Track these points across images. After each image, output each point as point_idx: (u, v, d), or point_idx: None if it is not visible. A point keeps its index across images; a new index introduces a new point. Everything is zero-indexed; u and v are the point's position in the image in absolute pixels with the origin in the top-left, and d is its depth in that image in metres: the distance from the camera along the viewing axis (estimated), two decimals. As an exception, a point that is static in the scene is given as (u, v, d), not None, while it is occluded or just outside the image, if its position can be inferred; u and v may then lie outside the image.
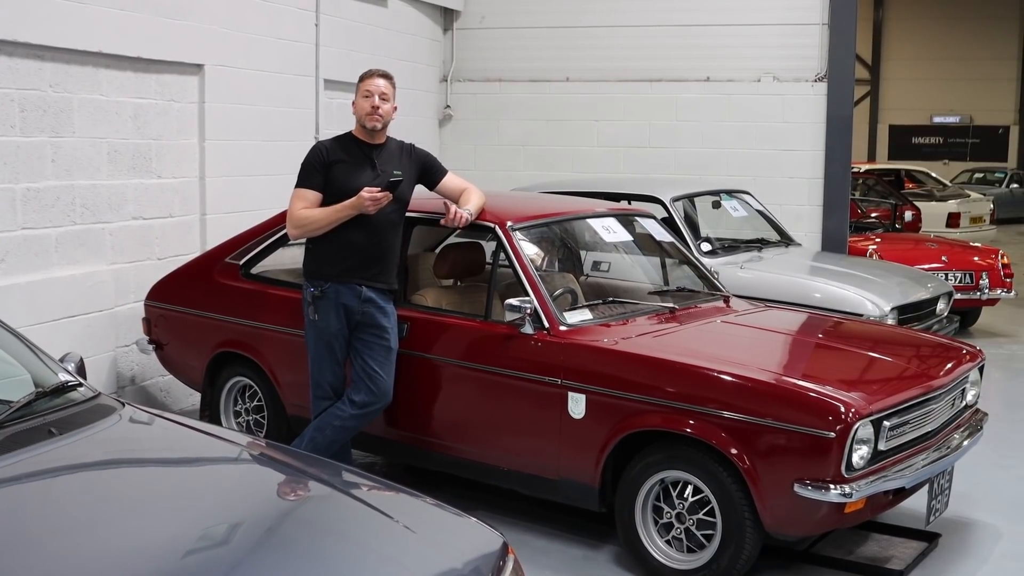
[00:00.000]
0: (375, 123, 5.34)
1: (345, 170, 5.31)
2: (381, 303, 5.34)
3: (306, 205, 5.32)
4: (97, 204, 6.74)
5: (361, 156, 5.37)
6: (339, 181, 5.29)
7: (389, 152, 5.46)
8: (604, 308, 5.38)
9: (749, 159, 10.47)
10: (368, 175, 5.32)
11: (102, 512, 2.70)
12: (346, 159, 5.34)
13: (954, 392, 5.12)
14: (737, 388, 4.59)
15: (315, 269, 5.38)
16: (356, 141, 5.42)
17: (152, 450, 3.19)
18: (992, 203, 19.89)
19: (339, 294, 5.29)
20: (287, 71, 8.46)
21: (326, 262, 5.33)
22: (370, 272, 5.32)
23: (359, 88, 5.41)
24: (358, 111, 5.38)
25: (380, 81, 5.41)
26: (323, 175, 5.31)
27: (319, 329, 5.36)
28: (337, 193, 5.27)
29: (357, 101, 5.38)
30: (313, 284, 5.35)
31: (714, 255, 8.01)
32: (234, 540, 2.71)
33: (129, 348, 7.00)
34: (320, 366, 5.41)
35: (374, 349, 5.33)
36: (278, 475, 3.11)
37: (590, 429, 4.87)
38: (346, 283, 5.29)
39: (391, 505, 3.09)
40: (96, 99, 6.67)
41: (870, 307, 7.43)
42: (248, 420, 6.28)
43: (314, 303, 5.33)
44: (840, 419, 4.33)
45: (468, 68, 11.10)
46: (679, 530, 4.75)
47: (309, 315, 5.37)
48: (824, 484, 4.35)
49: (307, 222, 5.31)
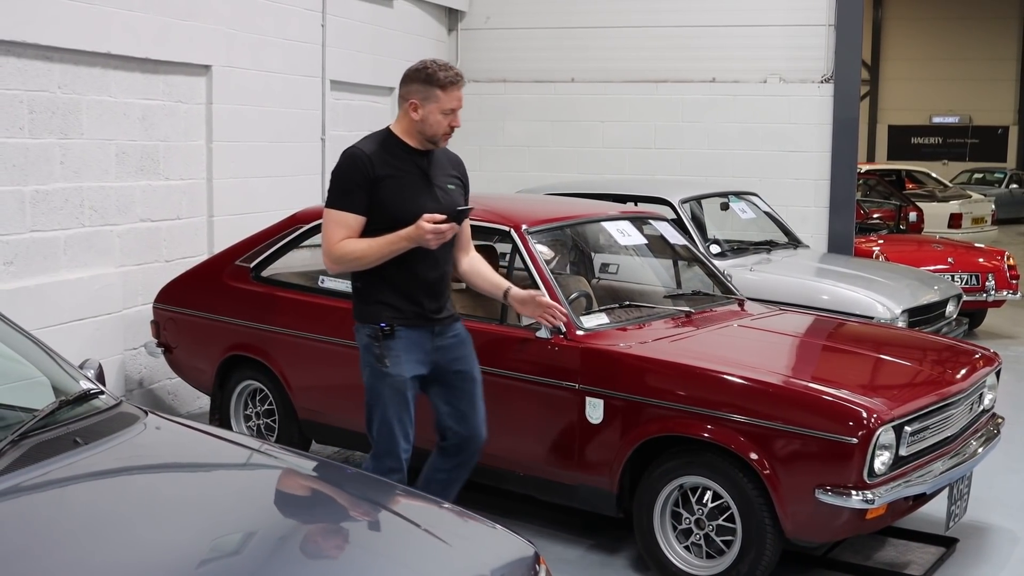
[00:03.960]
0: (446, 143, 4.51)
1: (396, 188, 4.33)
2: (454, 334, 4.59)
3: (348, 233, 4.30)
4: (105, 206, 6.70)
5: (412, 167, 4.39)
6: (390, 203, 4.31)
7: (438, 161, 4.52)
8: (620, 312, 5.34)
9: (755, 160, 10.44)
10: (424, 194, 4.39)
11: (132, 523, 2.66)
12: (395, 172, 4.34)
13: (972, 397, 5.09)
14: (757, 393, 4.56)
15: (372, 312, 4.42)
16: (403, 146, 4.41)
17: (180, 459, 3.15)
18: (994, 204, 19.88)
19: (409, 337, 4.42)
20: (294, 72, 8.43)
21: (382, 304, 4.40)
22: (437, 305, 4.50)
23: (434, 98, 4.32)
24: (431, 128, 4.35)
25: (462, 92, 4.44)
26: (367, 193, 4.30)
27: (391, 379, 4.38)
28: (387, 217, 4.30)
29: (431, 116, 4.32)
30: (373, 325, 4.41)
31: (723, 257, 7.97)
32: (265, 548, 2.68)
33: (137, 351, 6.97)
34: (391, 428, 4.41)
35: (457, 386, 4.57)
36: (307, 484, 3.08)
37: (608, 434, 4.83)
38: (412, 328, 4.42)
39: (418, 514, 3.06)
40: (104, 100, 6.63)
41: (880, 310, 7.40)
42: (259, 424, 6.24)
43: (382, 346, 4.37)
44: (862, 425, 4.30)
45: (473, 69, 11.05)
46: (698, 536, 4.71)
47: (373, 364, 4.40)
48: (846, 490, 4.32)
49: (351, 258, 4.32)
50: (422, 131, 4.38)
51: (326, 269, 4.51)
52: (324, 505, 3.01)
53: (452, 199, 4.48)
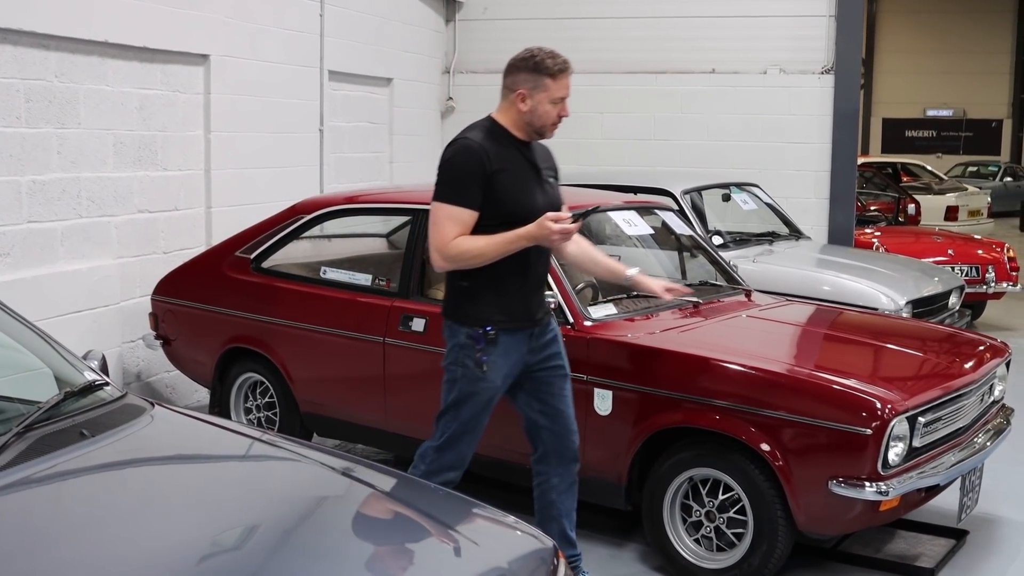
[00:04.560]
0: (552, 133, 4.32)
1: (511, 181, 4.16)
2: (550, 330, 4.44)
3: (462, 230, 4.11)
4: (103, 197, 6.62)
5: (521, 160, 4.25)
6: (506, 197, 4.14)
7: (540, 153, 4.39)
8: (628, 302, 5.27)
9: (755, 152, 10.38)
10: (535, 188, 4.25)
11: (140, 516, 2.59)
12: (508, 166, 4.17)
13: (983, 388, 5.04)
14: (769, 383, 4.50)
15: (479, 313, 4.22)
16: (511, 137, 4.24)
17: (188, 452, 3.08)
18: (989, 197, 19.84)
19: (509, 342, 4.27)
20: (292, 62, 8.35)
21: (491, 306, 4.21)
22: (539, 305, 4.36)
23: (544, 86, 4.17)
24: (540, 118, 4.20)
25: (570, 80, 4.26)
26: (482, 188, 4.12)
27: (484, 385, 4.24)
28: (502, 213, 4.13)
29: (540, 105, 4.17)
30: (475, 328, 4.22)
31: (725, 248, 7.89)
32: (273, 543, 2.60)
33: (135, 344, 6.88)
34: (468, 433, 4.31)
35: (550, 382, 4.41)
36: (320, 474, 2.99)
37: (617, 426, 4.77)
38: (514, 332, 4.27)
39: (432, 507, 2.98)
40: (102, 90, 6.55)
41: (885, 301, 7.35)
42: (259, 417, 6.16)
43: (483, 351, 4.19)
44: (876, 415, 4.24)
45: (471, 59, 10.99)
46: (708, 528, 4.65)
47: (470, 367, 4.22)
48: (860, 482, 4.26)
49: (468, 257, 4.11)
50: (531, 122, 4.22)
51: (434, 266, 4.26)
52: (335, 498, 2.93)
53: (555, 192, 4.37)
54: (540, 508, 4.54)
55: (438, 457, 4.35)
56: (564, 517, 4.52)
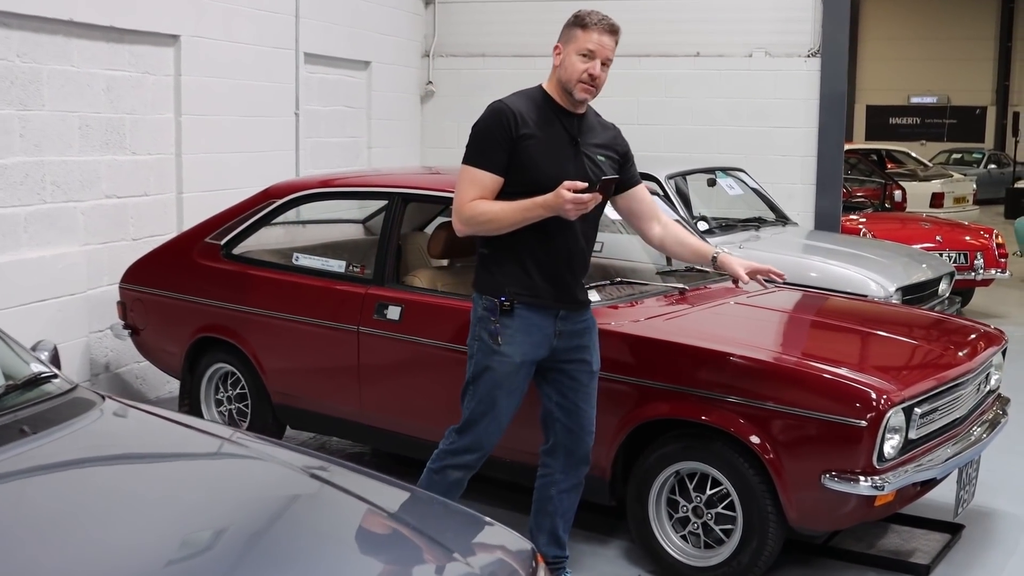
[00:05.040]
0: (586, 96, 4.02)
1: (539, 148, 3.96)
2: (583, 319, 4.23)
3: (481, 194, 3.95)
4: (68, 182, 6.39)
5: (559, 129, 4.03)
6: (531, 164, 3.95)
7: (590, 126, 4.14)
8: (611, 289, 5.07)
9: (740, 136, 10.18)
10: (569, 160, 4.01)
11: (87, 521, 2.38)
12: (539, 133, 3.97)
13: (980, 377, 4.86)
14: (758, 373, 4.30)
15: (494, 283, 4.07)
16: (553, 105, 4.05)
17: (137, 448, 2.86)
18: (975, 183, 19.72)
19: (530, 318, 4.07)
20: (266, 44, 8.11)
21: (508, 276, 4.04)
22: (570, 286, 4.13)
23: (574, 37, 3.98)
24: (567, 71, 3.98)
25: (607, 39, 4.00)
26: (508, 152, 3.93)
27: (501, 359, 4.04)
28: (526, 181, 3.94)
29: (568, 57, 3.98)
30: (492, 298, 4.06)
31: (711, 234, 7.71)
32: (236, 547, 2.41)
33: (103, 333, 6.66)
34: (488, 409, 4.08)
35: (575, 376, 4.20)
36: (279, 474, 2.79)
37: (600, 417, 4.53)
38: (536, 308, 4.07)
39: (405, 507, 2.79)
40: (67, 70, 6.32)
41: (874, 288, 7.18)
42: (231, 409, 5.95)
43: (498, 323, 4.02)
44: (871, 407, 4.05)
45: (451, 43, 10.75)
46: (696, 525, 4.46)
47: (485, 339, 4.05)
48: (854, 476, 4.07)
49: (484, 220, 3.94)
50: (561, 79, 4.01)
51: (456, 229, 4.07)
52: (298, 498, 2.73)
53: (600, 171, 4.08)
54: (537, 500, 4.35)
55: (458, 438, 4.16)
56: (559, 516, 4.32)
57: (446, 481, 4.18)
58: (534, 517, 4.33)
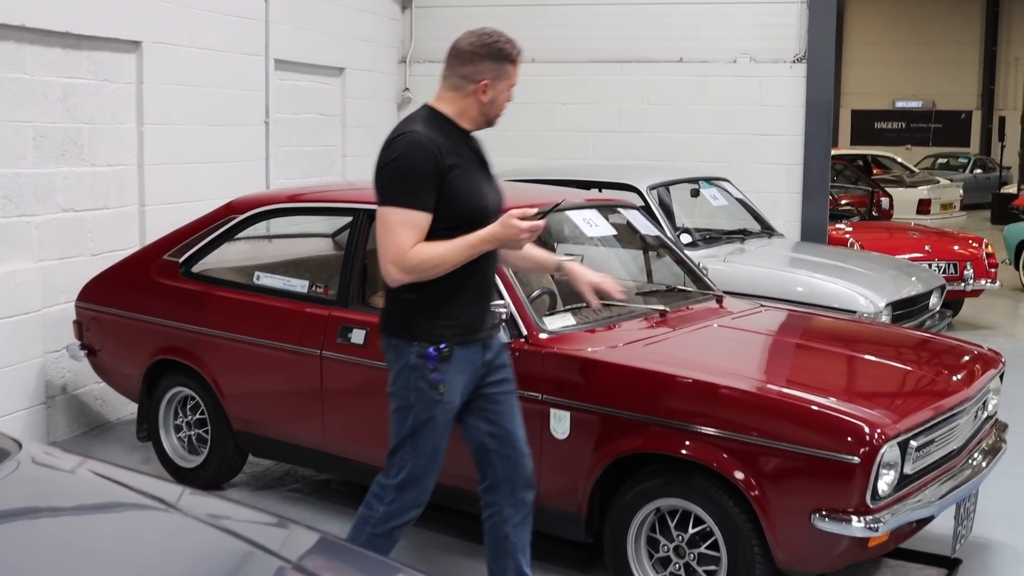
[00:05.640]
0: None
1: (462, 178, 3.69)
2: (499, 342, 4.00)
3: (419, 237, 3.61)
4: (22, 195, 6.09)
5: (470, 154, 3.79)
6: (458, 196, 3.66)
7: (478, 143, 3.93)
8: (588, 312, 4.79)
9: (724, 144, 9.95)
10: (486, 184, 3.81)
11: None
12: (459, 161, 3.69)
13: (978, 404, 4.60)
14: (743, 404, 4.03)
15: (430, 330, 3.73)
16: (456, 129, 3.78)
17: (59, 505, 2.55)
18: (961, 189, 19.54)
19: (464, 357, 3.80)
20: (234, 50, 7.83)
21: (445, 320, 3.73)
22: (488, 314, 3.90)
23: (506, 74, 3.76)
24: (497, 105, 3.78)
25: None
26: (437, 187, 3.63)
27: (444, 408, 3.77)
28: (456, 214, 3.66)
29: (500, 93, 3.76)
30: (426, 345, 3.73)
31: (694, 247, 7.47)
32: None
33: (59, 354, 6.35)
34: (431, 462, 3.82)
35: (499, 400, 3.95)
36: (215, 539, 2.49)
37: (575, 451, 4.30)
38: (468, 344, 3.80)
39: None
40: (20, 78, 6.02)
41: (863, 303, 6.92)
42: (190, 435, 5.67)
43: (438, 370, 3.72)
44: (865, 442, 3.78)
45: (428, 49, 10.48)
46: (678, 565, 4.18)
47: (424, 389, 3.73)
48: (846, 515, 3.80)
49: (430, 266, 3.62)
50: (487, 112, 3.78)
51: (388, 280, 3.68)
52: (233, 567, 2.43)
53: (499, 186, 3.93)
54: (492, 543, 4.05)
55: (399, 496, 3.84)
56: (519, 552, 4.04)
57: (392, 541, 3.90)
58: (494, 562, 4.02)
